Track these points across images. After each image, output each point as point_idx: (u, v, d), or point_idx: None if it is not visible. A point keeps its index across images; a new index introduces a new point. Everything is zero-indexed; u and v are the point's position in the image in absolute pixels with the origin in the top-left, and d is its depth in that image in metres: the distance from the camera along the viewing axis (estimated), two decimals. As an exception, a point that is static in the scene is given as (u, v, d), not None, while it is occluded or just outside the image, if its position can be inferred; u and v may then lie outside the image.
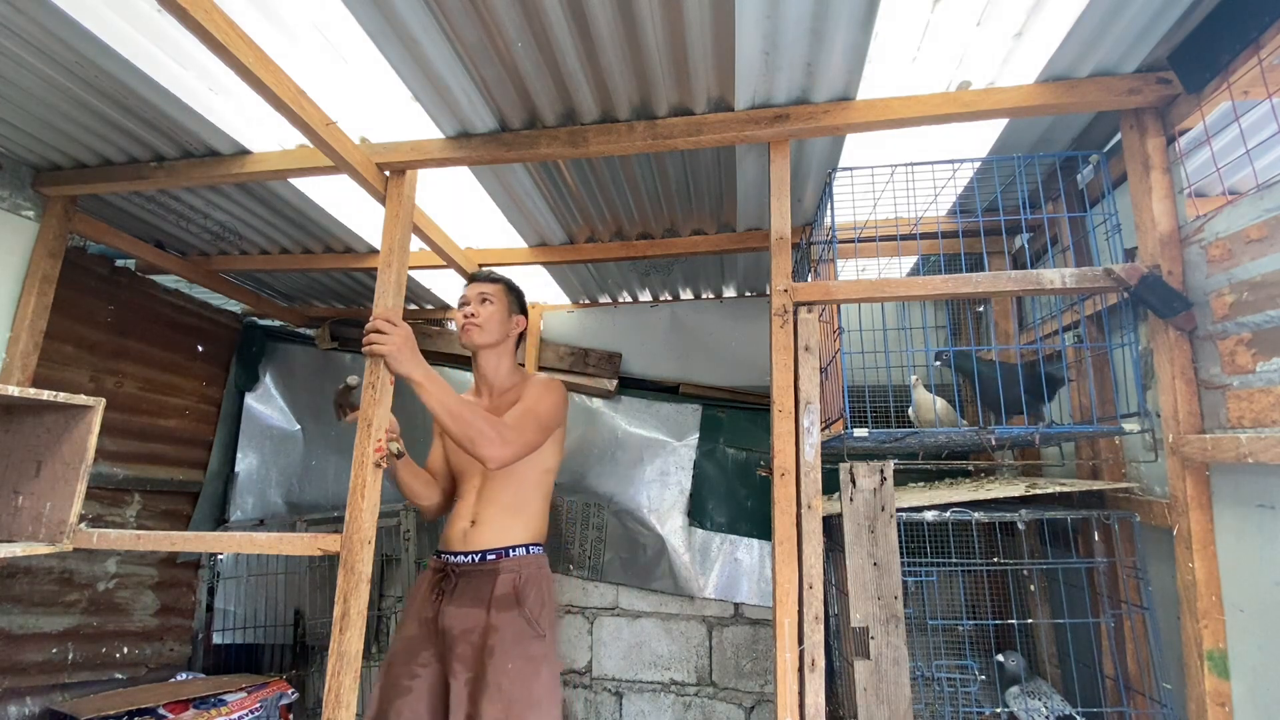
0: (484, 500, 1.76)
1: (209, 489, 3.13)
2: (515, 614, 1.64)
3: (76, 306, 2.44)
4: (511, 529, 1.74)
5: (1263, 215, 1.22)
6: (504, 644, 1.59)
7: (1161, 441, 1.42)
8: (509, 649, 1.59)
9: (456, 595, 1.68)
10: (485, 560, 1.70)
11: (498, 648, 1.59)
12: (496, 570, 1.68)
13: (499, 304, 1.84)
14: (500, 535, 1.72)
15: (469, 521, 1.75)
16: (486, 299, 1.83)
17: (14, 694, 2.28)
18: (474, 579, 1.69)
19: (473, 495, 1.79)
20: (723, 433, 2.94)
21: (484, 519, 1.73)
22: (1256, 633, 1.23)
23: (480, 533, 1.72)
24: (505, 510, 1.75)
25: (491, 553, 1.70)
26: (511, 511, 1.75)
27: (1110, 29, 1.33)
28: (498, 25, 1.33)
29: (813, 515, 1.44)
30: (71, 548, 1.58)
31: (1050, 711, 1.66)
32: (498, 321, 1.83)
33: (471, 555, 1.70)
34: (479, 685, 1.56)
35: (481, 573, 1.69)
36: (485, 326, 1.80)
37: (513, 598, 1.65)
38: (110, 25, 1.38)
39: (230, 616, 3.09)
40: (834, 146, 1.81)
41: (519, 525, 1.75)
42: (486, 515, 1.74)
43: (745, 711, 2.78)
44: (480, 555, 1.70)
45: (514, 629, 1.62)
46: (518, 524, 1.75)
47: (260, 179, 1.89)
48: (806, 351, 1.51)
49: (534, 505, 1.79)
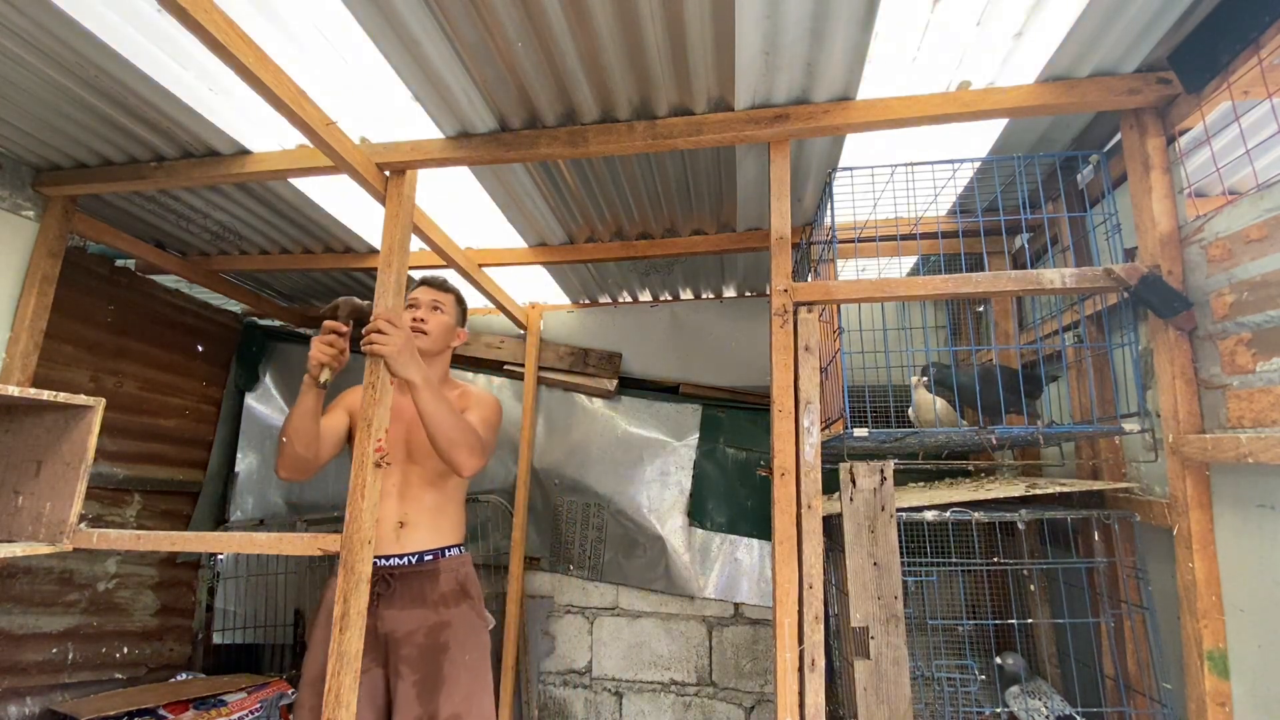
0: (409, 501, 1.74)
1: (209, 489, 3.13)
2: (466, 607, 1.70)
3: (76, 306, 2.44)
4: (442, 530, 1.75)
5: (1263, 215, 1.22)
6: (459, 638, 1.64)
7: (1161, 441, 1.42)
8: (464, 641, 1.65)
9: (396, 598, 1.65)
10: (423, 561, 1.70)
11: (453, 642, 1.63)
12: (437, 570, 1.70)
13: (449, 315, 1.84)
14: (434, 536, 1.73)
15: (398, 523, 1.71)
16: (438, 307, 1.83)
17: (14, 694, 2.28)
18: (413, 580, 1.68)
19: (395, 496, 1.73)
20: (723, 433, 2.94)
21: (414, 520, 1.72)
22: (1256, 633, 1.23)
23: (413, 534, 1.71)
24: (432, 512, 1.75)
25: (429, 554, 1.71)
26: (438, 513, 1.76)
27: (1110, 29, 1.33)
28: (498, 25, 1.33)
29: (813, 515, 1.44)
30: (71, 548, 1.58)
31: (1050, 711, 1.66)
32: (443, 331, 1.82)
33: (408, 557, 1.69)
34: (432, 682, 1.58)
35: (420, 574, 1.69)
36: (431, 334, 1.79)
37: (461, 593, 1.71)
38: (110, 25, 1.38)
39: (230, 616, 3.09)
40: (834, 146, 1.81)
41: (447, 526, 1.77)
42: (416, 517, 1.73)
43: (745, 711, 2.78)
44: (418, 556, 1.70)
45: (466, 622, 1.68)
46: (446, 525, 1.77)
47: (260, 179, 1.89)
48: (806, 351, 1.51)
49: (457, 507, 1.83)
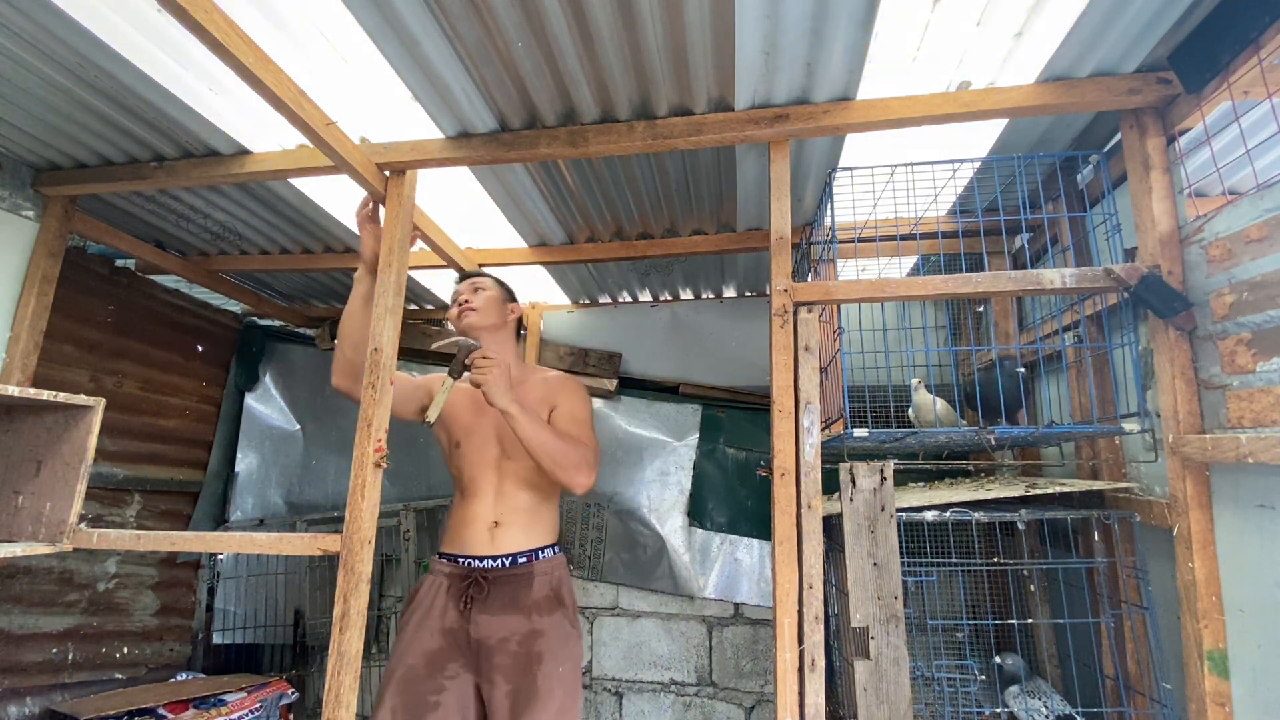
0: (504, 501, 1.69)
1: (209, 489, 3.13)
2: (560, 615, 1.62)
3: (76, 306, 2.44)
4: (536, 531, 1.69)
5: (1263, 215, 1.22)
6: (552, 648, 1.57)
7: (1161, 441, 1.42)
8: (558, 652, 1.57)
9: (489, 602, 1.60)
10: (517, 564, 1.64)
11: (546, 653, 1.55)
12: (531, 573, 1.63)
13: (492, 291, 1.81)
14: (527, 538, 1.67)
15: (492, 523, 1.67)
16: (479, 288, 1.80)
17: (14, 694, 2.28)
18: (506, 584, 1.62)
19: (490, 495, 1.69)
20: (723, 433, 2.94)
21: (508, 521, 1.67)
22: (1256, 633, 1.23)
23: (506, 535, 1.65)
24: (526, 512, 1.69)
25: (522, 555, 1.65)
26: (533, 513, 1.70)
27: (1110, 29, 1.33)
28: (498, 25, 1.33)
29: (813, 515, 1.44)
30: (71, 548, 1.58)
31: (1050, 711, 1.66)
32: (491, 304, 1.78)
33: (501, 559, 1.63)
34: (527, 694, 1.51)
35: (515, 577, 1.63)
36: (481, 309, 1.75)
37: (555, 600, 1.63)
38: (110, 25, 1.38)
39: (230, 616, 3.09)
40: (834, 146, 1.81)
41: (541, 526, 1.70)
42: (510, 517, 1.67)
43: (745, 711, 2.78)
44: (510, 559, 1.64)
45: (560, 631, 1.60)
46: (540, 525, 1.70)
47: (260, 179, 1.89)
48: (806, 351, 1.51)
49: (552, 505, 1.76)
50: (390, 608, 3.05)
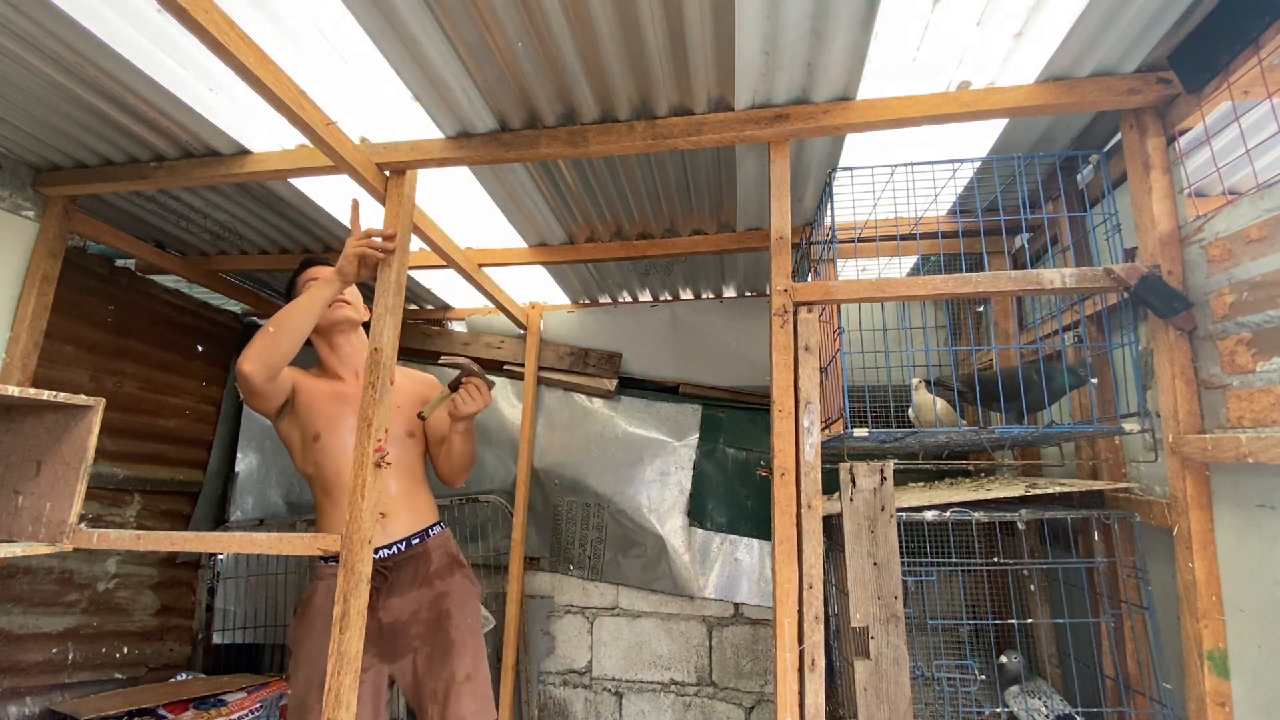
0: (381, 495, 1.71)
1: (209, 489, 3.13)
2: (460, 575, 1.78)
3: (76, 306, 2.44)
4: (420, 512, 1.79)
5: (1263, 215, 1.22)
6: (458, 603, 1.73)
7: (1161, 441, 1.42)
8: (463, 605, 1.74)
9: (395, 586, 1.69)
10: (412, 545, 1.74)
11: (454, 608, 1.71)
12: (427, 550, 1.76)
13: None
14: (414, 520, 1.77)
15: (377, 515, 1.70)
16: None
17: (14, 694, 2.28)
18: (408, 565, 1.72)
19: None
20: (723, 433, 2.94)
21: (392, 509, 1.74)
22: (1256, 633, 1.23)
23: (395, 523, 1.73)
24: (406, 496, 1.78)
25: (415, 537, 1.75)
26: (412, 496, 1.79)
27: (1110, 29, 1.33)
28: (498, 25, 1.33)
29: (813, 515, 1.44)
30: (71, 548, 1.58)
31: (1050, 711, 1.66)
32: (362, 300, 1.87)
33: (397, 545, 1.72)
34: (443, 649, 1.66)
35: (413, 557, 1.73)
36: (355, 304, 1.85)
37: (453, 563, 1.79)
38: (110, 25, 1.38)
39: (230, 616, 3.09)
40: (834, 146, 1.81)
41: (423, 508, 1.81)
42: (392, 506, 1.74)
43: (745, 711, 2.78)
44: (405, 543, 1.73)
45: (461, 589, 1.76)
46: (422, 506, 1.81)
47: (260, 179, 1.89)
48: (806, 351, 1.51)
49: (425, 488, 1.86)
50: (390, 608, 3.04)
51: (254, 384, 1.58)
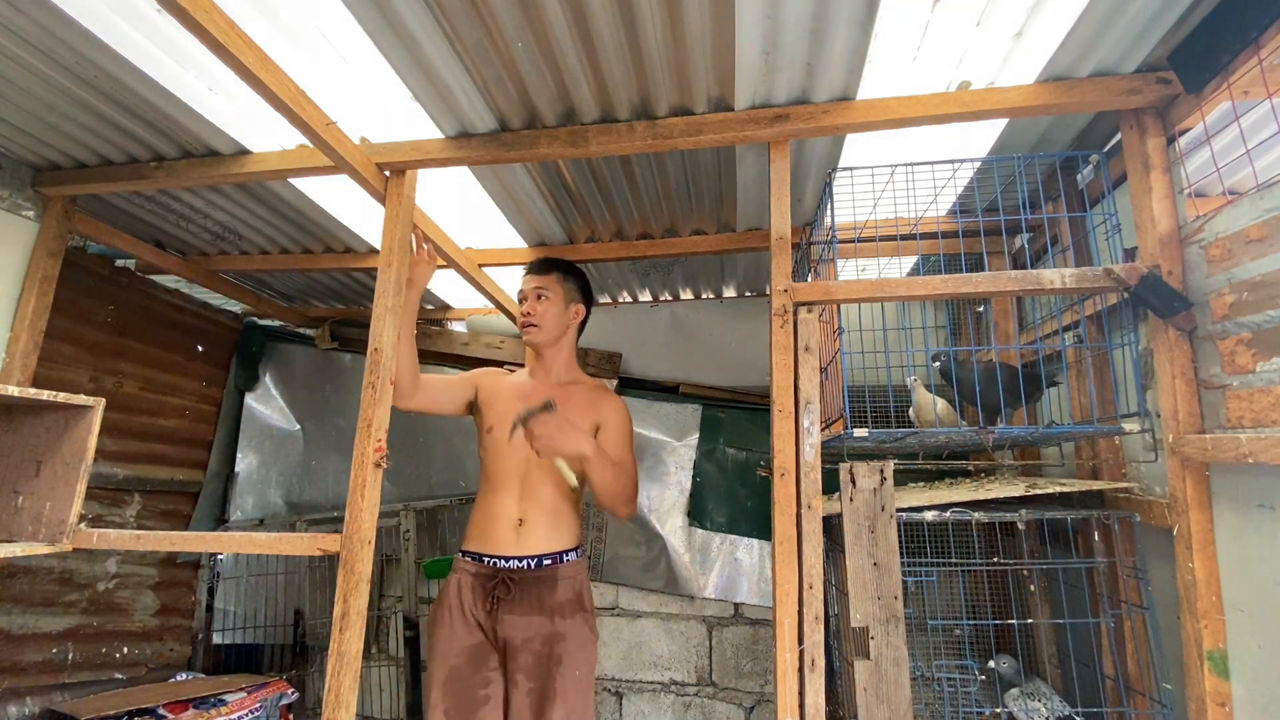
0: (529, 497, 1.69)
1: (209, 489, 3.13)
2: (580, 620, 1.63)
3: (76, 306, 2.44)
4: (560, 532, 1.69)
5: (1263, 215, 1.22)
6: (570, 652, 1.58)
7: (1161, 441, 1.42)
8: (575, 656, 1.59)
9: (515, 603, 1.61)
10: (542, 566, 1.65)
11: (565, 656, 1.57)
12: (555, 576, 1.64)
13: (554, 296, 1.83)
14: (551, 539, 1.68)
15: (517, 520, 1.67)
16: (542, 294, 1.81)
17: (14, 694, 2.28)
18: (532, 585, 1.63)
19: (516, 489, 1.70)
20: (723, 433, 2.94)
21: (532, 519, 1.67)
22: (1256, 633, 1.23)
23: (531, 535, 1.66)
24: (550, 512, 1.69)
25: (547, 558, 1.66)
26: (555, 513, 1.70)
27: (1110, 29, 1.33)
28: (498, 25, 1.33)
29: (813, 515, 1.44)
30: (71, 548, 1.58)
31: (1050, 712, 1.66)
32: (553, 317, 1.82)
33: (527, 560, 1.64)
34: (545, 695, 1.54)
35: (540, 579, 1.63)
36: (542, 325, 1.81)
37: (576, 604, 1.65)
38: (110, 25, 1.38)
39: (230, 616, 3.09)
40: (834, 146, 1.81)
41: (565, 528, 1.71)
42: (534, 516, 1.67)
43: (745, 711, 2.78)
44: (536, 560, 1.65)
45: (579, 636, 1.62)
46: (564, 527, 1.71)
47: (260, 179, 1.89)
48: (806, 351, 1.51)
49: (574, 507, 1.76)
50: (390, 608, 3.05)
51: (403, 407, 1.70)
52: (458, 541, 3.04)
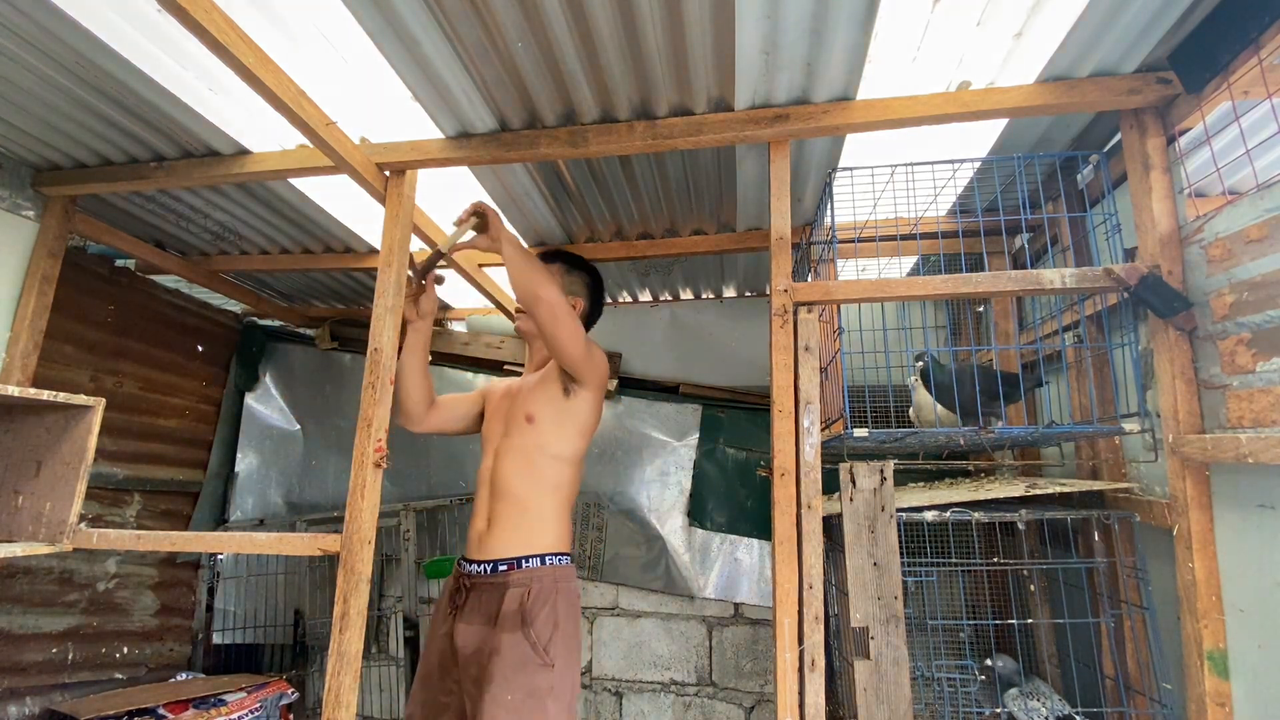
0: (496, 492, 1.58)
1: (209, 489, 3.13)
2: (519, 636, 1.41)
3: (76, 306, 2.44)
4: (523, 534, 1.53)
5: (1263, 215, 1.22)
6: (503, 671, 1.38)
7: (1161, 441, 1.42)
8: (509, 678, 1.38)
9: (469, 610, 1.51)
10: (496, 571, 1.50)
11: (496, 675, 1.38)
12: (506, 584, 1.48)
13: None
14: (513, 541, 1.52)
15: (485, 521, 1.58)
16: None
17: (14, 694, 2.28)
18: (484, 593, 1.50)
19: (486, 484, 1.61)
20: (723, 433, 2.94)
21: (497, 519, 1.55)
22: (1256, 633, 1.23)
23: (493, 538, 1.54)
24: (516, 510, 1.55)
25: (503, 563, 1.50)
26: (522, 511, 1.55)
27: (1110, 29, 1.33)
28: (498, 25, 1.33)
29: (813, 515, 1.44)
30: (71, 548, 1.58)
31: (1050, 712, 1.66)
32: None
33: (484, 565, 1.52)
34: (473, 714, 1.40)
35: (492, 585, 1.50)
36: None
37: (518, 617, 1.44)
38: (110, 25, 1.38)
39: (230, 616, 3.09)
40: (834, 146, 1.81)
41: (534, 531, 1.54)
42: (499, 514, 1.55)
43: (745, 711, 2.78)
44: (492, 565, 1.51)
45: (516, 654, 1.40)
46: (533, 530, 1.54)
47: (260, 179, 1.89)
48: (806, 351, 1.51)
49: (547, 502, 1.57)
50: (390, 608, 3.04)
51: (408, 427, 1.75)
52: (457, 541, 3.05)
